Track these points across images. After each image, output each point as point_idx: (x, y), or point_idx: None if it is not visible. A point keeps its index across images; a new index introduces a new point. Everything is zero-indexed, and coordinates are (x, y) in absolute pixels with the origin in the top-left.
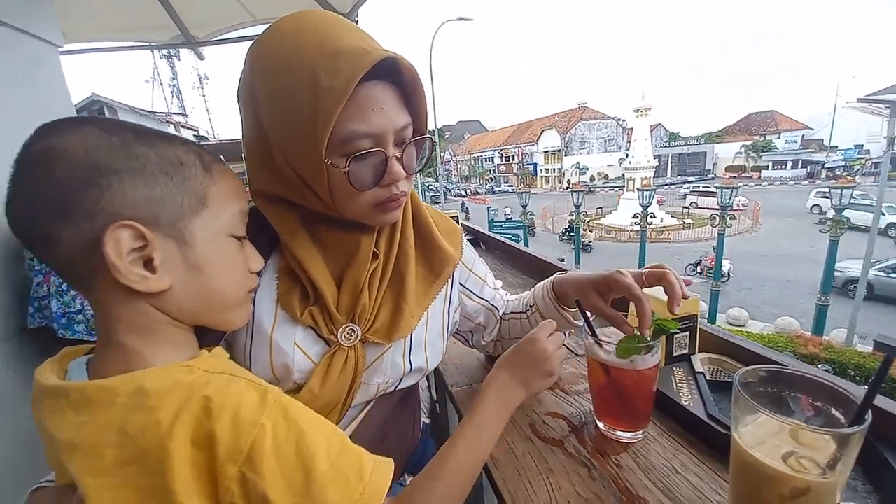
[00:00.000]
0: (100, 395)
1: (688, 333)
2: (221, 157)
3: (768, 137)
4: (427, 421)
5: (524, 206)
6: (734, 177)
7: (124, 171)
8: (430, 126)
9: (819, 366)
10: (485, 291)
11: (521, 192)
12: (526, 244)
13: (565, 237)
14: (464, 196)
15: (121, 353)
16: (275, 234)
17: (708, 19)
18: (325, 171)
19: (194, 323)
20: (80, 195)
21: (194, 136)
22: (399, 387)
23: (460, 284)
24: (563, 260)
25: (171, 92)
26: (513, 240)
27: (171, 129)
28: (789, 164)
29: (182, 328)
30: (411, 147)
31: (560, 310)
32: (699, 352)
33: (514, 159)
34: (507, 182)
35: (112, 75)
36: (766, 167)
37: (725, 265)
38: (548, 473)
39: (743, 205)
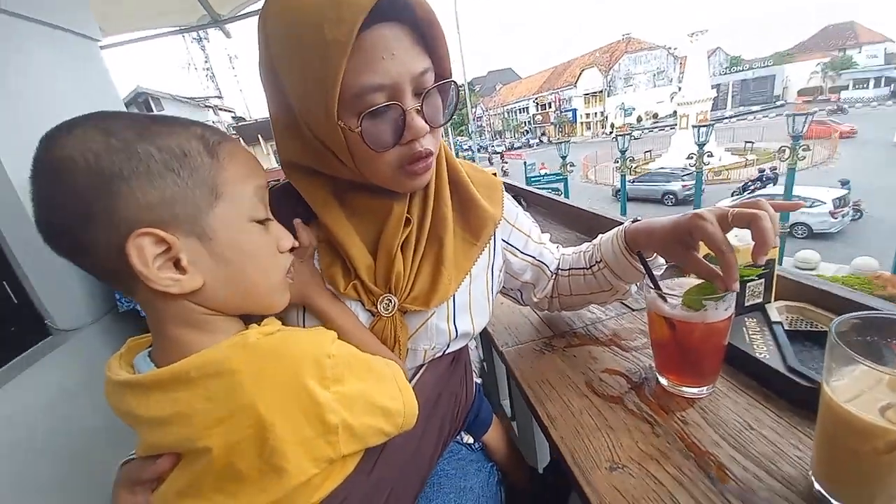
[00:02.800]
0: (173, 380)
1: (762, 281)
2: (236, 136)
3: (848, 53)
4: (479, 381)
5: (563, 158)
6: (808, 101)
7: (131, 175)
8: (459, 80)
9: None
10: (529, 247)
11: (560, 143)
12: (567, 196)
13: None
14: (498, 153)
15: (176, 344)
16: (310, 208)
17: None
18: (341, 134)
19: (237, 312)
20: (95, 206)
21: (231, 117)
22: (448, 351)
23: (503, 241)
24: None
25: (206, 75)
26: (554, 193)
27: (209, 113)
28: (871, 83)
29: (228, 317)
30: (434, 95)
31: (635, 263)
32: (775, 300)
33: (550, 107)
34: (543, 133)
35: (153, 66)
36: (846, 87)
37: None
38: (607, 430)
39: (850, 131)
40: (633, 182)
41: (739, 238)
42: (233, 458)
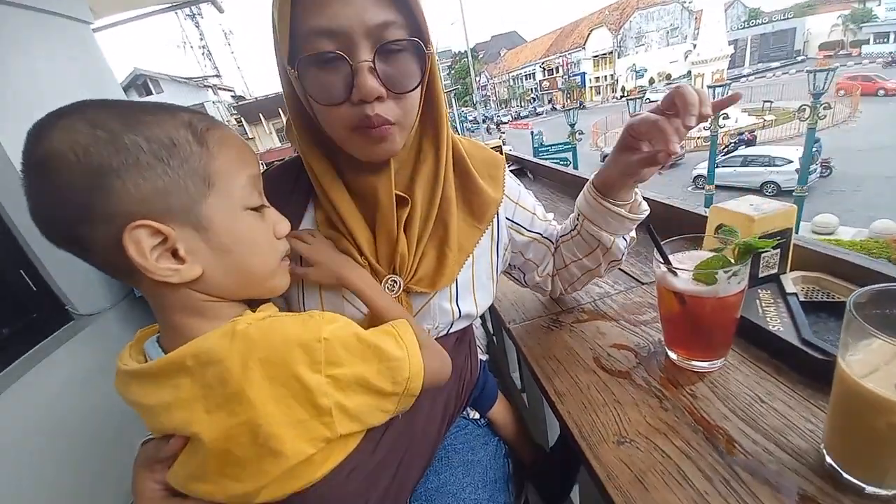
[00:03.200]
0: (170, 367)
1: (778, 251)
2: (236, 117)
3: (868, 5)
4: (484, 357)
5: (572, 126)
6: (829, 56)
7: (120, 168)
8: (460, 47)
9: None
10: (535, 224)
11: (568, 110)
12: (576, 167)
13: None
14: (504, 123)
15: (180, 331)
16: (310, 187)
17: None
18: (296, 83)
19: (239, 297)
20: (88, 201)
21: (231, 96)
22: (451, 330)
23: (508, 220)
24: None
25: (203, 54)
26: (562, 163)
27: (209, 93)
28: (892, 37)
29: (230, 303)
30: (399, 57)
31: (606, 203)
32: (791, 270)
33: (557, 72)
34: (551, 100)
35: (149, 47)
36: (867, 41)
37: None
38: (615, 405)
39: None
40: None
41: (755, 207)
42: (230, 445)
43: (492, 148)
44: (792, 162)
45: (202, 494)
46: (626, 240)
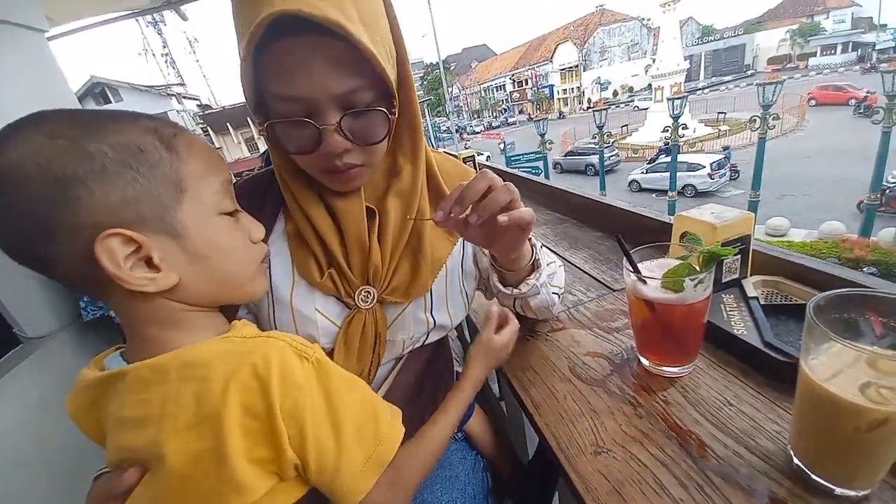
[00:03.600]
0: (153, 375)
1: (738, 257)
2: (192, 129)
3: (816, 19)
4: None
5: (542, 135)
6: (777, 69)
7: (86, 177)
8: (433, 59)
9: (864, 269)
10: None
11: (538, 120)
12: (547, 176)
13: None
14: (477, 133)
15: (155, 343)
16: (279, 200)
17: None
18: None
19: (216, 304)
20: (54, 215)
21: (197, 105)
22: (427, 341)
23: None
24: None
25: (165, 61)
26: (533, 172)
27: (173, 101)
28: (839, 49)
29: (206, 311)
30: (365, 115)
31: (504, 291)
32: (751, 275)
33: (527, 84)
34: (521, 111)
35: (108, 54)
36: (814, 53)
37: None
38: (591, 414)
39: (855, 98)
40: (564, 156)
41: (716, 215)
42: (195, 472)
43: (464, 159)
44: (705, 167)
45: None
46: (547, 297)
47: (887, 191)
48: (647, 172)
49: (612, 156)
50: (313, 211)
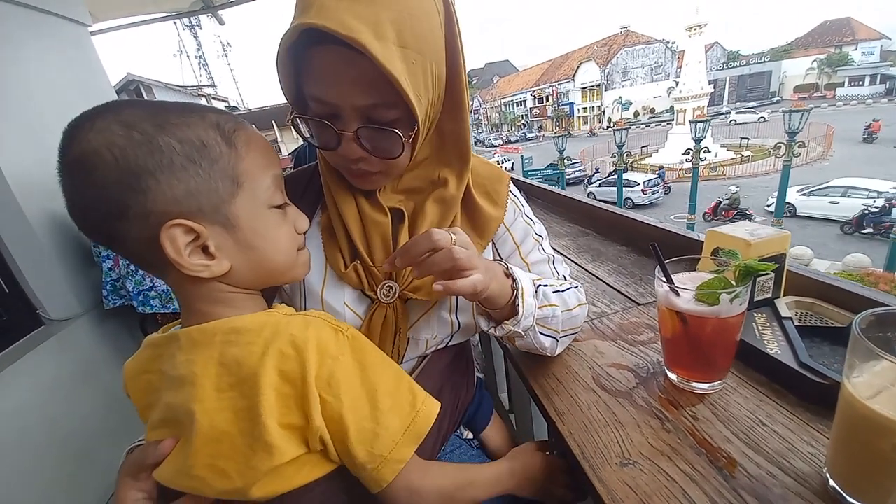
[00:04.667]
0: (201, 336)
1: (772, 275)
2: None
3: (844, 49)
4: (481, 375)
5: (560, 152)
6: (804, 98)
7: (156, 169)
8: None
9: None
10: (512, 259)
11: (558, 137)
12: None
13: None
14: (495, 146)
15: (206, 317)
16: (319, 193)
17: None
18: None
19: (261, 287)
20: (126, 199)
21: (225, 106)
22: (450, 343)
23: (491, 241)
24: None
25: (199, 63)
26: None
27: (202, 102)
28: (867, 80)
29: (250, 293)
30: (383, 129)
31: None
32: (784, 295)
33: (547, 100)
34: (540, 127)
35: (143, 54)
36: (842, 84)
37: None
38: (616, 425)
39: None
40: (599, 185)
41: (750, 232)
42: (231, 429)
43: None
44: (639, 184)
45: (189, 489)
46: (533, 342)
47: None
48: (600, 186)
49: (577, 171)
50: (344, 205)
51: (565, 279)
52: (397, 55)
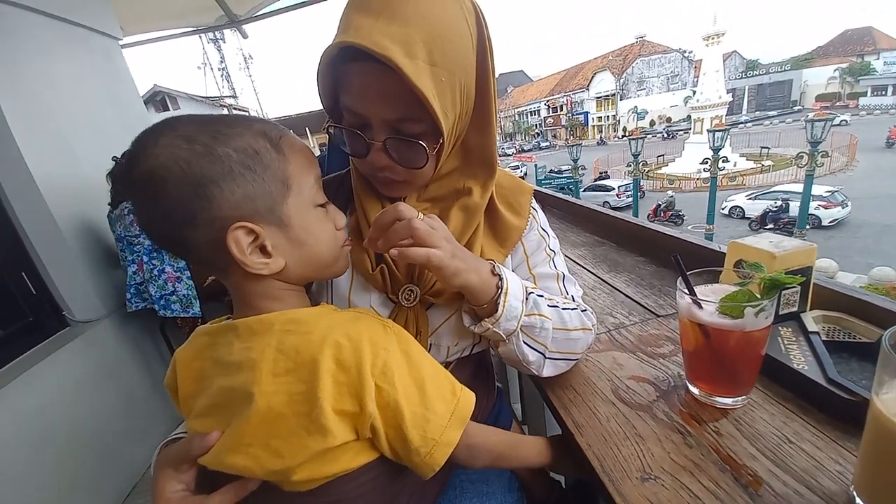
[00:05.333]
0: (260, 325)
1: (798, 289)
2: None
3: (866, 59)
4: (499, 385)
5: (575, 161)
6: (826, 107)
7: (218, 177)
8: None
9: None
10: (520, 270)
11: (572, 146)
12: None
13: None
14: (508, 156)
15: (260, 311)
16: (349, 197)
17: None
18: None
19: (307, 282)
20: (193, 207)
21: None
22: (473, 352)
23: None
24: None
25: (221, 75)
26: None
27: (224, 112)
28: (890, 90)
29: (298, 289)
30: (408, 141)
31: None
32: (811, 309)
33: (561, 110)
34: (554, 136)
35: (169, 66)
36: (865, 93)
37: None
38: (636, 439)
39: None
40: (584, 191)
41: (775, 244)
42: (285, 409)
43: None
44: (614, 189)
45: (237, 469)
46: (515, 350)
47: None
48: (585, 190)
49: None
50: (371, 210)
51: (573, 300)
52: (426, 72)
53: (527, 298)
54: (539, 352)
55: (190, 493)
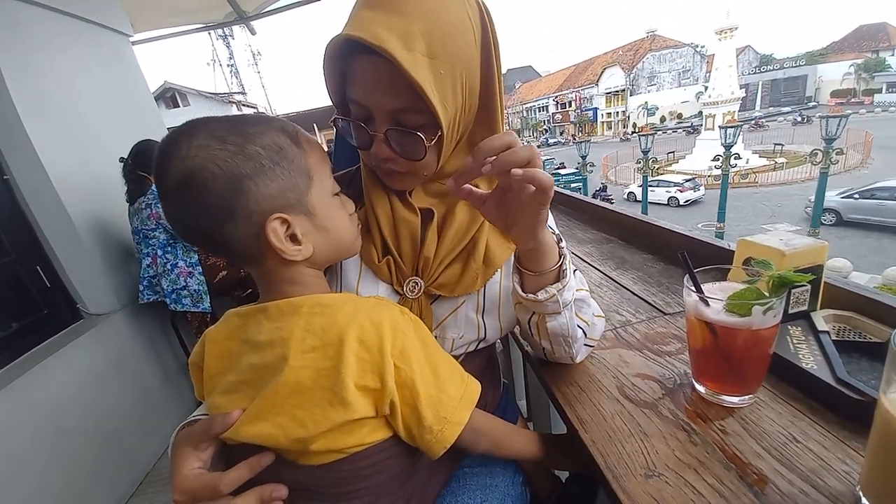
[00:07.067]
0: (289, 307)
1: (808, 287)
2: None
3: (881, 54)
4: (505, 381)
5: (583, 157)
6: (841, 103)
7: (253, 174)
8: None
9: None
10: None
11: (580, 142)
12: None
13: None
14: None
15: (288, 295)
16: (359, 192)
17: None
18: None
19: (329, 264)
20: (233, 202)
21: (254, 112)
22: (479, 347)
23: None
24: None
25: (230, 72)
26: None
27: (233, 109)
28: None
29: (321, 275)
30: (409, 132)
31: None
32: (821, 308)
33: (570, 106)
34: (562, 132)
35: (179, 62)
36: (880, 90)
37: None
38: (641, 436)
39: None
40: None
41: (785, 242)
42: (314, 384)
43: None
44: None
45: (261, 437)
46: (568, 323)
47: None
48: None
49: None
50: (378, 203)
51: None
52: (425, 64)
53: (574, 273)
54: (582, 329)
55: (206, 470)
